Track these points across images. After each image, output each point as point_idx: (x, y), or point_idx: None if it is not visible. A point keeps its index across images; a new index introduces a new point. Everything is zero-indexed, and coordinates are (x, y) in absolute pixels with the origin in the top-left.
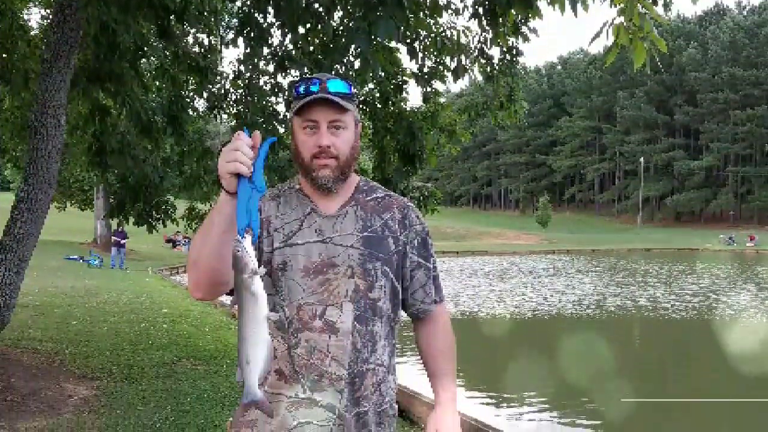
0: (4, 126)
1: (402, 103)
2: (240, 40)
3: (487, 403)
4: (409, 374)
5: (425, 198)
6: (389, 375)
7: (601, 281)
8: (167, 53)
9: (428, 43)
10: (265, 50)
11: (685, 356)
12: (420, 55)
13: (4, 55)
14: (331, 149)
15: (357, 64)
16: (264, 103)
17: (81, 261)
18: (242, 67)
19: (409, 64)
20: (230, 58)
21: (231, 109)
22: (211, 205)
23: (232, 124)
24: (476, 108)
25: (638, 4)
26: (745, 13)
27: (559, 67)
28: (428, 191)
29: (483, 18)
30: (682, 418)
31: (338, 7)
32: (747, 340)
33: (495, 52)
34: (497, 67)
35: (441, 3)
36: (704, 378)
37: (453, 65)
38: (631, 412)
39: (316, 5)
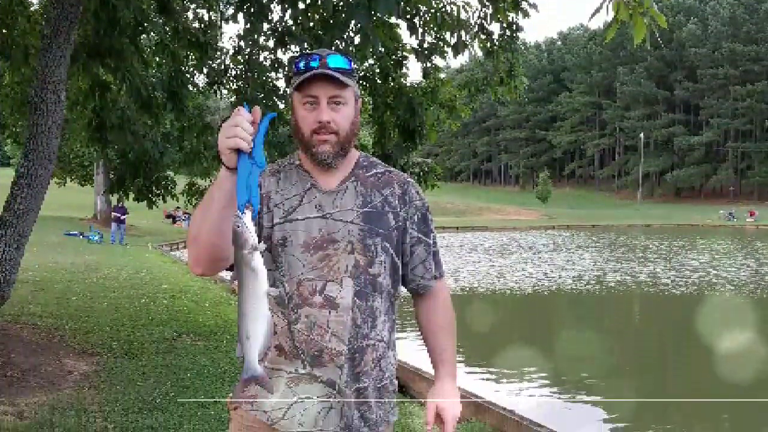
0: (4, 101)
1: (402, 79)
2: (240, 16)
3: (487, 379)
4: (409, 350)
5: (425, 173)
6: (389, 351)
7: (601, 257)
8: (167, 29)
9: (428, 18)
10: (265, 26)
11: (685, 332)
12: (420, 30)
13: (4, 31)
14: (331, 125)
15: (357, 39)
16: (264, 78)
17: (81, 236)
18: (242, 43)
19: (409, 40)
20: (230, 33)
21: (231, 84)
22: (211, 181)
23: (232, 99)
24: (476, 83)
25: None
26: None
27: (559, 42)
28: (428, 167)
29: None
30: (680, 395)
31: None
32: (745, 316)
33: (495, 27)
34: (497, 43)
35: None
36: (703, 355)
37: (453, 41)
38: (631, 388)
39: None
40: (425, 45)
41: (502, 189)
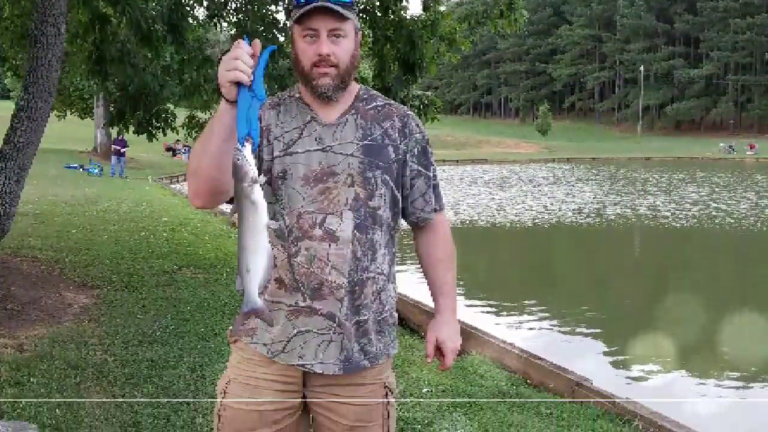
0: (4, 35)
1: (402, 12)
2: None
3: (487, 312)
4: (409, 283)
5: (425, 106)
6: (389, 283)
7: (601, 190)
8: None
9: None
10: None
11: (685, 264)
12: None
13: None
14: (331, 58)
15: None
16: (264, 11)
17: (81, 169)
18: None
19: None
20: None
21: (231, 17)
22: (211, 114)
23: (232, 32)
24: (476, 16)
25: None
26: None
27: None
28: (428, 100)
29: None
30: (681, 326)
31: None
32: (744, 248)
33: None
34: None
35: None
36: (702, 283)
37: None
38: (631, 320)
39: None
40: None
41: (502, 122)
